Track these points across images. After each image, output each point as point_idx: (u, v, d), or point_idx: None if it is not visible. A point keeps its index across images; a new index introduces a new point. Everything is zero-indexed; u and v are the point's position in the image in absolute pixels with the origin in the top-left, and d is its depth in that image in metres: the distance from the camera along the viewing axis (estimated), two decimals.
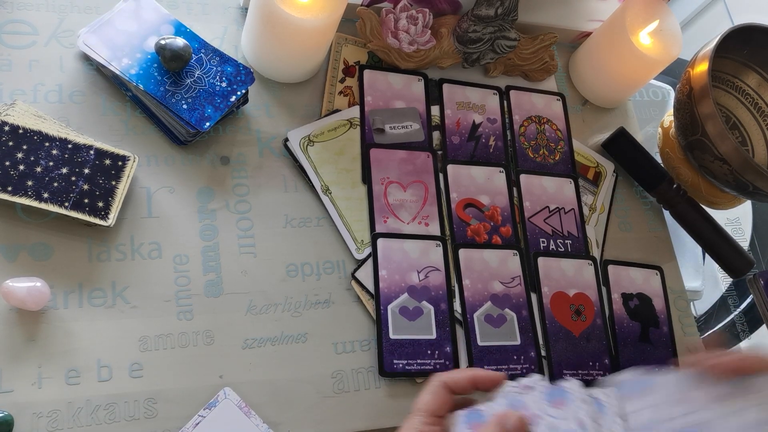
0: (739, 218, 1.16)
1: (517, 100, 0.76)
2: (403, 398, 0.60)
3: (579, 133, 0.79)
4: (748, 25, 0.73)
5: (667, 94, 1.02)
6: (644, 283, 0.73)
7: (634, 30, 0.74)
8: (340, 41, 0.71)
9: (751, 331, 1.35)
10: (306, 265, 0.62)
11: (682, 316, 0.74)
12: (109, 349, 0.54)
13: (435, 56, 0.72)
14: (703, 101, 0.67)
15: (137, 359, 0.54)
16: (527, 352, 0.64)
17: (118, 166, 0.57)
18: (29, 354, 0.52)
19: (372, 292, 0.62)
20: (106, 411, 0.52)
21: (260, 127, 0.66)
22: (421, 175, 0.68)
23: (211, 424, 0.53)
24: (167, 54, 0.59)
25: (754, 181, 0.67)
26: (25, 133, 0.55)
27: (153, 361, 0.54)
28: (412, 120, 0.70)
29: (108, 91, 0.62)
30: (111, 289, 0.55)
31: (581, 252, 0.71)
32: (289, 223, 0.63)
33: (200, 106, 0.60)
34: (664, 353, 0.70)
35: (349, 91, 0.70)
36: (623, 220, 0.77)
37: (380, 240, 0.63)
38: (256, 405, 0.55)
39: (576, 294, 0.68)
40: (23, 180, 0.53)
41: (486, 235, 0.68)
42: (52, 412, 0.51)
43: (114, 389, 0.53)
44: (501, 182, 0.71)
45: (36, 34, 0.62)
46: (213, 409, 0.54)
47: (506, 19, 0.71)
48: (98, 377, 0.53)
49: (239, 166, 0.63)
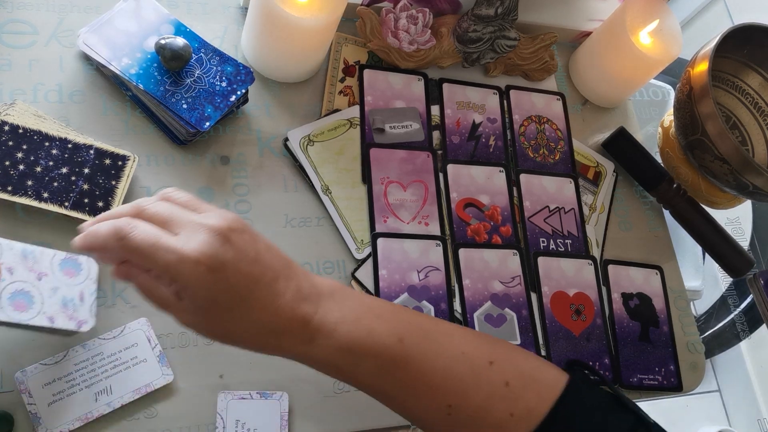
0: (739, 218, 1.16)
1: (517, 99, 0.76)
2: None
3: (579, 132, 0.79)
4: (748, 25, 0.73)
5: (667, 94, 1.02)
6: (644, 282, 0.73)
7: (634, 30, 0.74)
8: (340, 41, 0.71)
9: (751, 331, 1.35)
10: (306, 264, 0.62)
11: (682, 316, 0.74)
12: None
13: (435, 56, 0.72)
14: (703, 101, 0.67)
15: None
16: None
17: (118, 165, 0.57)
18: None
19: (372, 292, 0.62)
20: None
21: (260, 126, 0.66)
22: (421, 175, 0.68)
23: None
24: (167, 54, 0.59)
25: (754, 180, 0.68)
26: (25, 132, 0.55)
27: None
28: (412, 120, 0.70)
29: (108, 90, 0.62)
30: (111, 289, 0.55)
31: (581, 252, 0.71)
32: (289, 222, 0.63)
33: (200, 106, 0.60)
34: (664, 353, 0.70)
35: (349, 91, 0.70)
36: (623, 219, 0.77)
37: (380, 240, 0.63)
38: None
39: (576, 294, 0.68)
40: (23, 180, 0.53)
41: (486, 234, 0.68)
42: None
43: None
44: (501, 182, 0.71)
45: (36, 33, 0.62)
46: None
47: (506, 19, 0.71)
48: None
49: (239, 166, 0.63)
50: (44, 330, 0.50)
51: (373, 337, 0.44)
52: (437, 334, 0.46)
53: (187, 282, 0.39)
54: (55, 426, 0.49)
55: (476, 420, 0.44)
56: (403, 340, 0.44)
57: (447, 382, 0.44)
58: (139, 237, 0.40)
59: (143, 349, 0.53)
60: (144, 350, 0.53)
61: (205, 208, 0.43)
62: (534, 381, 0.45)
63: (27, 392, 0.49)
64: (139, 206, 0.42)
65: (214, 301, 0.40)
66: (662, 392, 0.69)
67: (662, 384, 0.69)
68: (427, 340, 0.45)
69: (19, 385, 0.49)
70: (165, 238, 0.40)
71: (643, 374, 0.68)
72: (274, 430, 0.54)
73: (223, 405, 0.54)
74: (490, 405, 0.44)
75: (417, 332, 0.45)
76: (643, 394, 0.68)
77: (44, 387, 0.50)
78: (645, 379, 0.68)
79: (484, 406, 0.44)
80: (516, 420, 0.44)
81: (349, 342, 0.43)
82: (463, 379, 0.44)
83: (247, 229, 0.43)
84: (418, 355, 0.44)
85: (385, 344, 0.44)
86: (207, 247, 0.40)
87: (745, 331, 1.34)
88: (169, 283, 0.41)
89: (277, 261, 0.44)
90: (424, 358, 0.44)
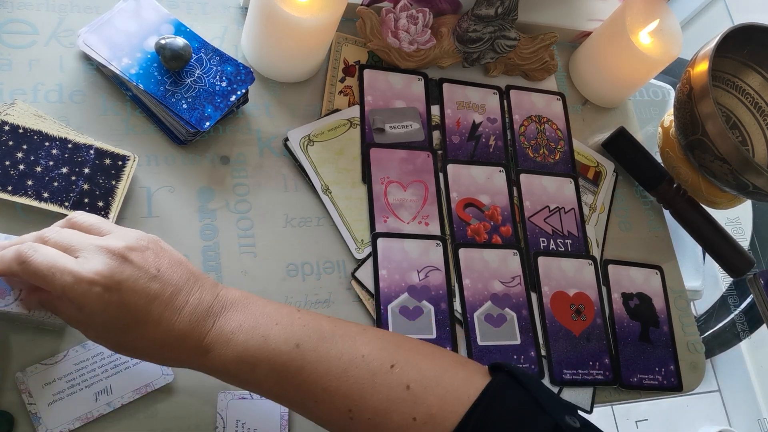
0: (739, 218, 1.16)
1: (517, 99, 0.76)
2: None
3: (579, 132, 0.79)
4: (748, 25, 0.73)
5: (667, 94, 1.02)
6: (644, 282, 0.73)
7: (634, 29, 0.74)
8: (340, 41, 0.71)
9: (751, 331, 1.35)
10: (306, 264, 0.62)
11: (682, 316, 0.74)
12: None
13: (435, 56, 0.72)
14: (704, 101, 0.67)
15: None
16: (527, 352, 0.64)
17: (118, 165, 0.57)
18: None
19: (372, 292, 0.62)
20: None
21: (260, 126, 0.66)
22: (421, 175, 0.68)
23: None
24: (167, 53, 0.59)
25: (754, 180, 0.68)
26: (25, 132, 0.55)
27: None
28: (412, 119, 0.70)
29: (108, 90, 0.62)
30: None
31: (581, 252, 0.71)
32: (289, 222, 0.63)
33: (200, 106, 0.60)
34: (664, 353, 0.70)
35: (349, 91, 0.70)
36: (623, 219, 0.77)
37: (380, 239, 0.63)
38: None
39: (576, 293, 0.68)
40: (23, 180, 0.53)
41: (486, 234, 0.68)
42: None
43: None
44: (501, 182, 0.71)
45: (36, 33, 0.62)
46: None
47: (506, 19, 0.71)
48: None
49: (239, 166, 0.63)
50: (29, 321, 0.50)
51: (268, 344, 0.44)
52: (338, 337, 0.46)
53: (83, 303, 0.42)
54: (55, 426, 0.49)
55: (378, 424, 0.44)
56: (300, 345, 0.45)
57: (344, 386, 0.44)
58: (38, 260, 0.42)
59: None
60: None
61: (109, 230, 0.46)
62: (438, 386, 0.44)
63: (27, 392, 0.49)
64: (42, 234, 0.45)
65: (111, 321, 0.43)
66: (662, 392, 0.69)
67: (662, 384, 0.69)
68: (325, 343, 0.45)
69: (19, 385, 0.49)
70: (63, 260, 0.42)
71: (643, 374, 0.68)
72: (274, 430, 0.54)
73: (223, 405, 0.54)
74: (390, 408, 0.43)
75: (315, 336, 0.45)
76: (643, 394, 0.69)
77: (44, 387, 0.50)
78: (645, 379, 0.68)
79: (384, 408, 0.44)
80: (419, 425, 0.43)
81: (244, 350, 0.44)
82: (361, 382, 0.44)
83: (151, 246, 0.45)
84: (315, 359, 0.44)
85: (280, 350, 0.44)
86: (102, 267, 0.42)
87: (745, 331, 1.34)
88: (69, 304, 0.43)
89: (181, 275, 0.45)
90: (320, 362, 0.44)
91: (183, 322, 0.44)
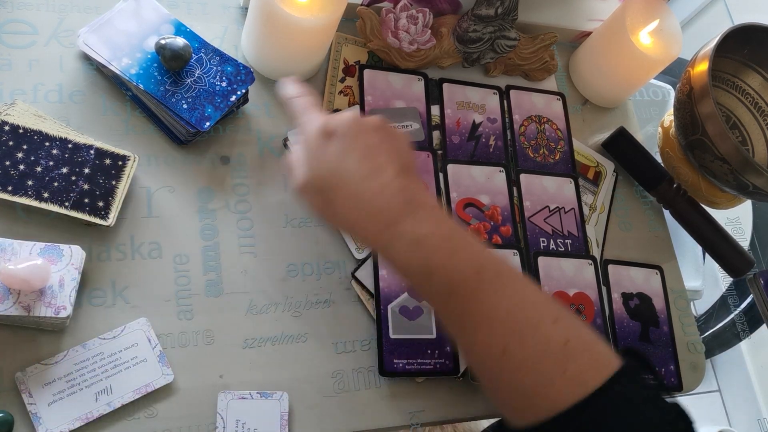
0: (739, 218, 1.16)
1: (517, 99, 0.76)
2: (403, 398, 0.60)
3: (579, 132, 0.79)
4: (748, 25, 0.73)
5: (667, 94, 1.02)
6: (644, 282, 0.73)
7: (634, 30, 0.74)
8: (340, 41, 0.71)
9: (751, 331, 1.35)
10: (306, 264, 0.62)
11: (682, 316, 0.74)
12: None
13: (435, 56, 0.72)
14: (704, 101, 0.67)
15: None
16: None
17: (118, 165, 0.57)
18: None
19: (372, 292, 0.62)
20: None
21: (260, 126, 0.66)
22: (421, 175, 0.68)
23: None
24: (167, 54, 0.59)
25: (754, 180, 0.68)
26: (25, 132, 0.55)
27: None
28: (412, 119, 0.70)
29: (108, 90, 0.62)
30: (111, 289, 0.55)
31: (581, 252, 0.71)
32: (290, 222, 0.63)
33: (200, 106, 0.60)
34: (664, 353, 0.70)
35: (349, 91, 0.70)
36: (623, 219, 0.77)
37: None
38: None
39: (576, 293, 0.68)
40: (23, 180, 0.53)
41: (486, 234, 0.68)
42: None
43: None
44: (501, 182, 0.71)
45: (36, 33, 0.62)
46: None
47: (506, 19, 0.71)
48: None
49: (239, 166, 0.63)
50: (28, 322, 0.50)
51: (452, 259, 0.46)
52: (514, 278, 0.47)
53: (338, 127, 0.49)
54: (55, 426, 0.49)
55: (526, 368, 0.44)
56: (480, 272, 0.46)
57: (508, 323, 0.45)
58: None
59: (143, 348, 0.53)
60: (144, 350, 0.53)
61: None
62: (592, 349, 0.45)
63: (27, 392, 0.49)
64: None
65: (346, 149, 0.48)
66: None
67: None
68: (502, 279, 0.47)
69: (19, 385, 0.49)
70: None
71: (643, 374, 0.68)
72: (274, 430, 0.54)
73: (223, 405, 0.54)
74: (545, 358, 0.44)
75: (494, 270, 0.47)
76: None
77: (44, 387, 0.50)
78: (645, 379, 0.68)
79: (539, 356, 0.44)
80: (566, 380, 0.43)
81: (431, 255, 0.46)
82: (525, 324, 0.45)
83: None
84: (490, 289, 0.46)
85: (462, 268, 0.46)
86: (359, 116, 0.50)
87: (745, 331, 1.34)
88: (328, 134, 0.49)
89: (401, 157, 0.50)
90: (494, 293, 0.46)
91: (397, 185, 0.47)
